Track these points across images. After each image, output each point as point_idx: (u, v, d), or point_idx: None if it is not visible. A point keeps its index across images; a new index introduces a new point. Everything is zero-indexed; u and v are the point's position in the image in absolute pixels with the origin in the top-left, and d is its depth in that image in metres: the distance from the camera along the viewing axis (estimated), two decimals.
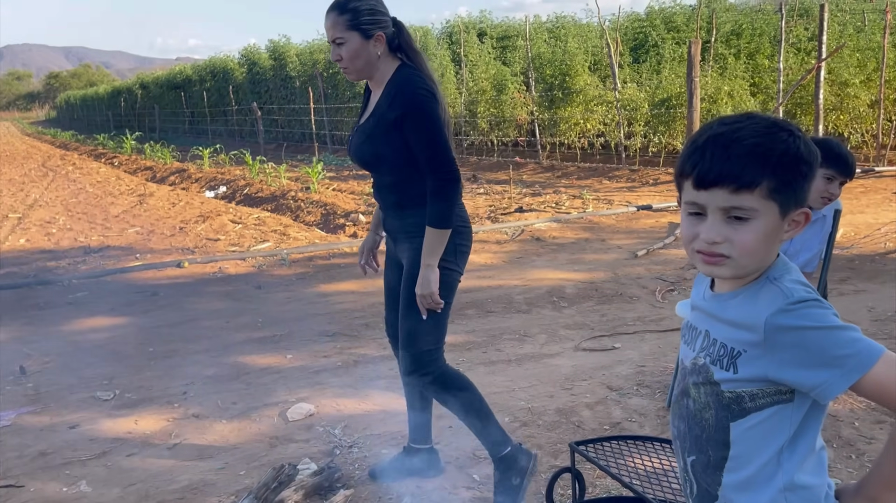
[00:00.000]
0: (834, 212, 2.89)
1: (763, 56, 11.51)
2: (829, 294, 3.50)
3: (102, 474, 2.89)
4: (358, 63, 2.19)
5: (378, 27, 2.18)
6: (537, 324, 4.42)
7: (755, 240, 1.03)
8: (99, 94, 47.60)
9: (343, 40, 2.16)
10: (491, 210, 8.62)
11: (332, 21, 2.17)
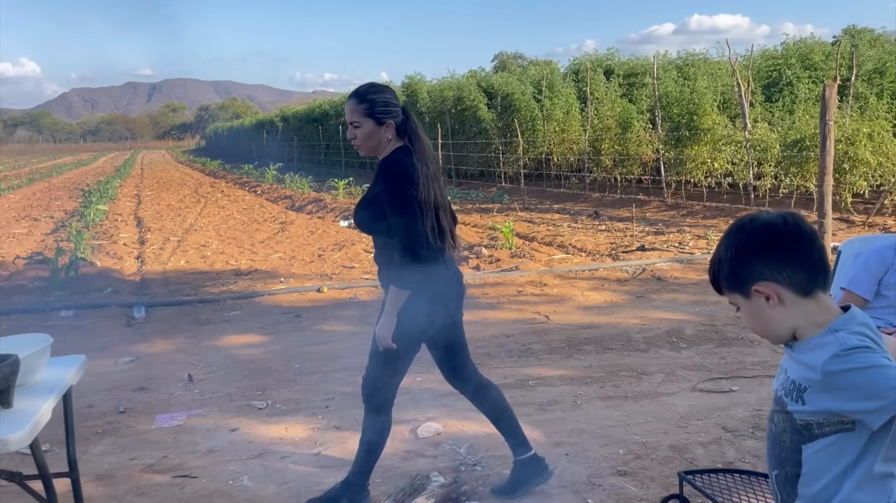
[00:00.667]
0: None
1: None
2: None
3: (260, 472, 3.33)
4: (370, 143, 2.58)
5: (389, 116, 2.56)
6: (655, 363, 4.55)
7: (747, 321, 1.41)
8: (244, 125, 51.40)
9: (359, 124, 2.55)
10: (612, 247, 8.74)
11: (352, 107, 2.56)
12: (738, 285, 1.37)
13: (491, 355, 4.87)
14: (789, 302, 1.33)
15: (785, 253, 1.32)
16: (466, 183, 19.12)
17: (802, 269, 1.33)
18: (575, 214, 12.26)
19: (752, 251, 1.34)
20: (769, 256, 1.32)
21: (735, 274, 1.36)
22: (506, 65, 74.07)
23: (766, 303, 1.33)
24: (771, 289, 1.32)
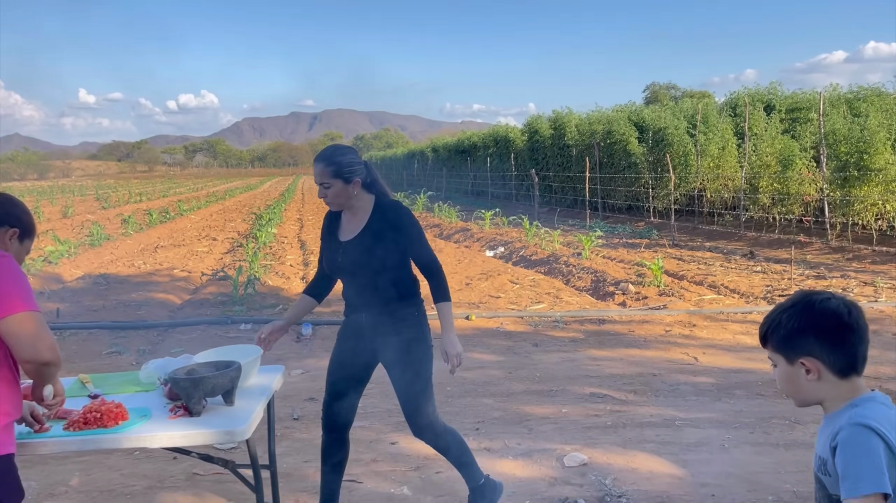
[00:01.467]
0: None
1: None
2: None
3: (419, 483, 3.66)
4: (340, 200, 2.85)
5: (355, 174, 2.83)
6: (809, 413, 4.44)
7: (779, 381, 1.57)
8: (396, 155, 53.76)
9: (329, 185, 2.81)
10: (767, 290, 8.44)
11: (321, 170, 2.81)
12: (787, 351, 1.52)
13: (637, 393, 4.95)
14: (826, 379, 1.49)
15: (838, 341, 1.48)
16: (613, 217, 18.96)
17: (847, 358, 1.49)
18: (728, 254, 11.88)
19: (812, 330, 1.48)
20: (824, 339, 1.48)
21: (788, 342, 1.51)
22: (657, 96, 72.40)
23: (805, 374, 1.50)
24: (815, 366, 1.49)
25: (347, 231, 2.94)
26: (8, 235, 2.16)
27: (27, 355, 1.90)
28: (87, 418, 2.33)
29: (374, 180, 2.94)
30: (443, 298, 2.92)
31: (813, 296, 1.52)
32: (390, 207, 2.93)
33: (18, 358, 1.92)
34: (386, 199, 2.96)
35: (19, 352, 1.90)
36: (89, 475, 3.88)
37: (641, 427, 4.28)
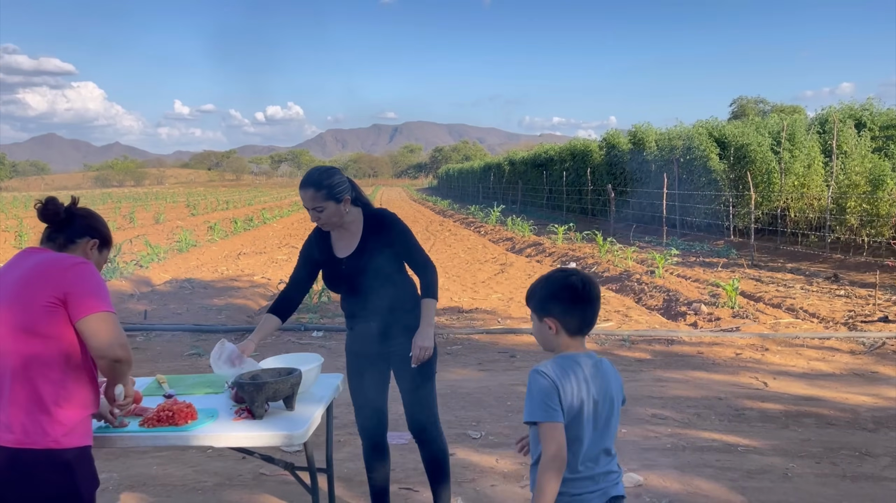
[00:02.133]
0: None
1: None
2: None
3: (472, 495, 3.73)
4: (333, 220, 2.94)
5: (345, 193, 2.92)
6: (883, 446, 4.27)
7: (534, 332, 2.11)
8: (473, 168, 54.01)
9: (322, 208, 2.89)
10: (849, 315, 8.10)
11: (312, 195, 2.88)
12: (538, 312, 2.04)
13: (700, 416, 4.87)
14: (561, 335, 2.00)
15: (572, 308, 1.99)
16: (691, 234, 18.51)
17: (577, 321, 2.00)
18: (810, 276, 11.43)
19: (553, 297, 2.00)
20: (563, 303, 1.99)
21: (539, 305, 2.04)
22: (745, 110, 70.12)
23: (548, 330, 2.01)
24: (555, 325, 2.00)
25: (342, 247, 3.05)
26: (90, 246, 2.38)
27: (101, 352, 2.09)
28: (161, 416, 2.53)
29: (358, 194, 3.05)
30: (429, 295, 3.02)
31: (559, 272, 2.06)
32: (379, 217, 3.05)
33: (94, 354, 2.11)
34: (372, 210, 3.08)
35: (95, 348, 2.09)
36: (165, 470, 4.14)
37: (701, 451, 4.22)
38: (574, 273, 2.04)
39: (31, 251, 2.26)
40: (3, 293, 2.11)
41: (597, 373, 1.97)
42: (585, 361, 1.97)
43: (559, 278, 2.02)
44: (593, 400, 1.94)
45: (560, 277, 2.03)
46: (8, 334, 2.06)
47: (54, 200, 2.34)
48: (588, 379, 1.94)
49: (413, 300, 3.06)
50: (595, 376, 1.96)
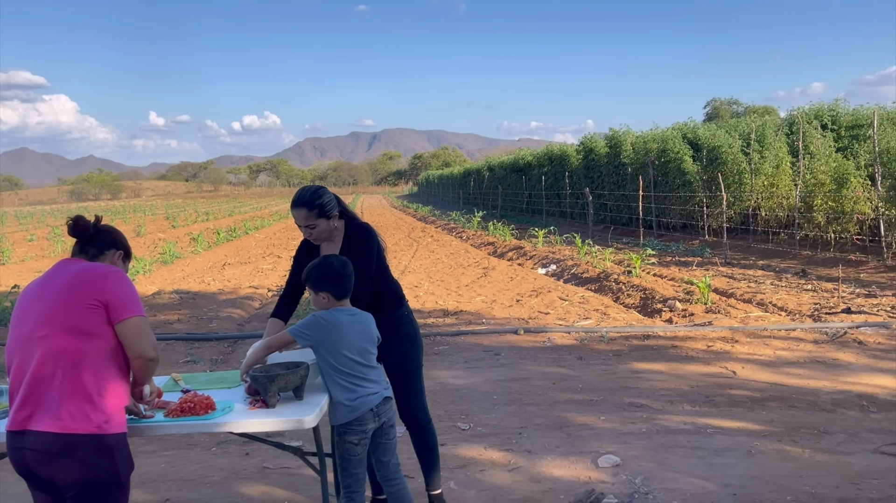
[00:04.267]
0: None
1: None
2: None
3: (463, 479, 4.04)
4: (324, 235, 3.24)
5: (334, 209, 3.20)
6: (839, 424, 4.65)
7: (312, 301, 3.03)
8: (453, 174, 54.42)
9: (315, 226, 3.18)
10: (815, 308, 8.52)
11: (305, 214, 3.16)
12: (314, 288, 2.92)
13: (673, 403, 5.22)
14: (332, 302, 2.93)
15: (335, 280, 2.91)
16: (667, 235, 18.99)
17: (338, 289, 2.92)
18: (780, 272, 11.89)
19: (324, 278, 2.91)
20: (329, 280, 2.91)
21: (315, 284, 2.92)
22: (719, 111, 71.28)
23: (322, 300, 2.92)
24: (327, 296, 2.92)
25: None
26: (116, 256, 2.70)
27: (138, 352, 2.41)
28: (183, 407, 2.81)
29: (344, 208, 3.32)
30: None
31: (327, 259, 2.97)
32: (357, 229, 3.31)
33: (131, 353, 2.42)
34: (355, 222, 3.36)
35: (133, 348, 2.40)
36: (173, 467, 4.40)
37: (674, 433, 4.56)
38: (336, 258, 2.98)
39: (68, 262, 2.55)
40: (51, 297, 2.40)
41: (357, 320, 2.94)
42: (347, 312, 2.95)
43: (326, 264, 2.93)
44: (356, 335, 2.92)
45: (327, 263, 2.94)
46: (58, 333, 2.34)
47: (83, 218, 2.66)
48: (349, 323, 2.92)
49: (397, 302, 3.37)
50: (356, 321, 2.93)
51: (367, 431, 2.93)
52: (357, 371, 2.92)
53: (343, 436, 2.92)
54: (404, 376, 3.36)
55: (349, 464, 2.94)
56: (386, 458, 3.06)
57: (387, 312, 3.31)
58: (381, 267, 3.35)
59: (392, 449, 3.07)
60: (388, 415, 3.00)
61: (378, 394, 2.96)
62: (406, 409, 3.41)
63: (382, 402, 2.96)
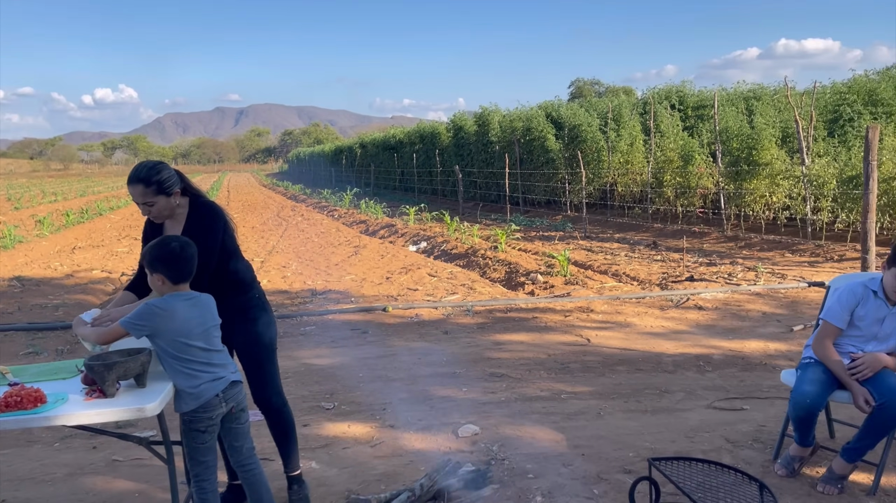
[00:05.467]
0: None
1: None
2: None
3: (326, 458, 4.02)
4: (164, 213, 3.08)
5: (175, 186, 3.05)
6: (679, 384, 5.02)
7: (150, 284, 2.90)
8: (324, 151, 53.47)
9: (153, 203, 3.01)
10: (663, 277, 9.13)
11: (142, 191, 2.97)
12: (151, 270, 2.79)
13: (532, 371, 5.44)
14: (167, 285, 2.79)
15: (171, 263, 2.76)
16: (533, 211, 19.67)
17: (173, 272, 2.77)
18: (634, 244, 12.64)
19: (160, 259, 2.77)
20: (164, 262, 2.76)
21: (150, 266, 2.78)
22: (582, 91, 74.21)
23: (158, 282, 2.78)
24: (161, 278, 2.77)
25: (171, 233, 3.14)
26: None
27: None
28: (8, 402, 2.60)
29: (187, 185, 3.18)
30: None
31: (165, 240, 2.82)
32: (202, 207, 3.17)
33: None
34: (200, 200, 3.20)
35: None
36: (10, 466, 4.07)
37: (530, 401, 4.76)
38: (175, 240, 2.82)
39: None
40: None
41: (195, 303, 2.82)
42: (184, 297, 2.81)
43: (163, 244, 2.79)
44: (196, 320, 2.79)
45: (164, 244, 2.80)
46: None
47: None
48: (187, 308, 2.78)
49: (246, 284, 3.25)
50: (194, 306, 2.80)
51: (215, 418, 2.82)
52: (199, 357, 2.79)
53: (189, 425, 2.81)
54: (255, 360, 3.27)
55: (197, 451, 2.84)
56: (238, 443, 2.98)
57: (236, 295, 3.20)
58: (230, 248, 3.22)
59: (244, 433, 2.98)
60: (238, 400, 2.90)
61: (224, 378, 2.84)
62: (258, 394, 3.33)
63: (229, 387, 2.85)
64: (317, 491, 3.57)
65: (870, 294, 3.29)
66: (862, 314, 3.30)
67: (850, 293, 3.32)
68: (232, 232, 3.29)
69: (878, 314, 3.28)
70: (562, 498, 3.35)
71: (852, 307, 3.31)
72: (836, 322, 3.32)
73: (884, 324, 3.29)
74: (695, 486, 2.60)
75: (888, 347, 3.30)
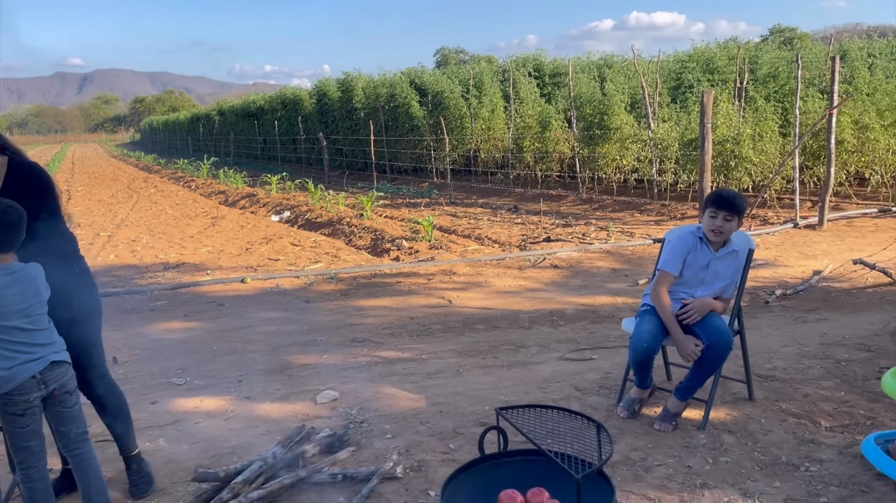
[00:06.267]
0: (748, 250, 3.61)
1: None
2: (761, 321, 4.15)
3: (175, 435, 3.82)
4: None
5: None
6: (534, 338, 5.21)
7: None
8: (179, 119, 50.58)
9: None
10: (522, 239, 9.42)
11: None
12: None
13: (394, 335, 5.45)
14: None
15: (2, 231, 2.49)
16: (400, 178, 19.65)
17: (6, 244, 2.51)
18: (496, 209, 12.95)
19: None
20: None
21: None
22: (447, 59, 74.60)
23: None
24: None
25: None
26: None
27: None
28: None
29: (5, 142, 2.94)
30: None
31: None
32: (21, 168, 2.94)
33: None
34: (20, 159, 2.97)
35: None
36: None
37: (391, 363, 4.76)
38: (11, 206, 2.57)
39: None
40: None
41: (18, 278, 2.56)
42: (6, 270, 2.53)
43: None
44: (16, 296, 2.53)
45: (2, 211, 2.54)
46: None
47: None
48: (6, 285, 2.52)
49: (68, 253, 3.00)
50: (16, 281, 2.55)
51: (32, 401, 2.58)
52: (17, 337, 2.55)
53: (4, 408, 2.56)
54: (76, 341, 3.02)
55: (18, 436, 2.60)
56: (66, 428, 2.74)
57: (54, 269, 2.93)
58: (52, 215, 2.94)
59: (72, 418, 2.74)
60: (61, 382, 2.67)
61: (42, 359, 2.60)
62: (81, 377, 3.07)
63: (49, 368, 2.62)
64: (165, 468, 3.39)
65: (697, 241, 3.52)
66: (691, 261, 3.53)
67: (682, 242, 3.54)
68: (55, 197, 3.00)
69: (703, 260, 3.52)
70: (419, 454, 3.38)
71: (684, 255, 3.53)
72: (671, 269, 3.54)
73: (709, 269, 3.53)
74: (545, 433, 2.69)
75: (714, 291, 3.55)
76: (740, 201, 3.42)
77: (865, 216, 9.76)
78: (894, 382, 2.94)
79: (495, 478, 2.50)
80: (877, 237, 8.40)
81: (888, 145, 10.33)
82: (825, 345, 4.68)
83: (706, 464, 3.14)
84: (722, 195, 3.43)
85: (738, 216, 3.42)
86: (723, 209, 3.39)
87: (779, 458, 3.15)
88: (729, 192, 3.44)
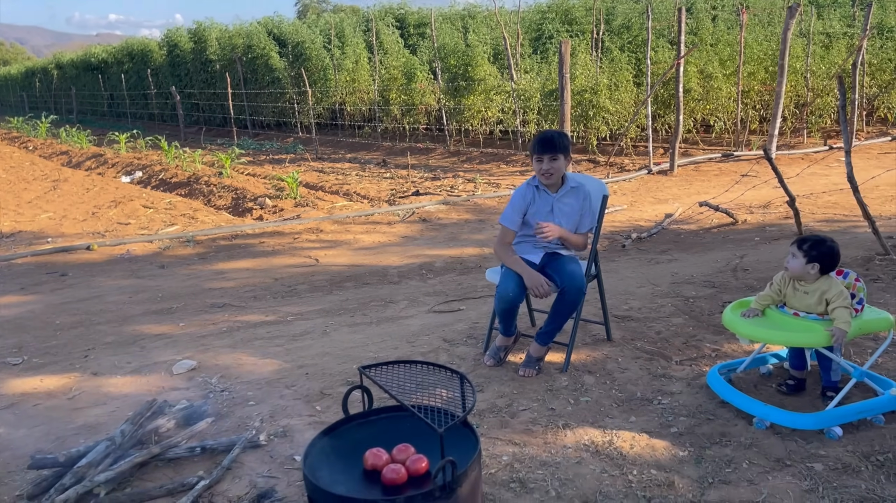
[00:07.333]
0: (602, 196, 3.69)
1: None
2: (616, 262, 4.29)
3: (11, 419, 3.47)
4: None
5: None
6: (403, 293, 5.16)
7: None
8: (11, 74, 45.81)
9: None
10: (392, 193, 9.31)
11: None
12: None
13: (257, 298, 5.22)
14: None
15: None
16: (263, 134, 18.85)
17: None
18: (365, 163, 12.72)
19: None
20: None
21: None
22: (309, 10, 71.82)
23: None
24: None
25: None
26: None
27: None
28: None
29: None
30: None
31: None
32: None
33: None
34: None
35: None
36: None
37: (255, 328, 4.56)
38: None
39: None
40: None
41: None
42: None
43: None
44: None
45: None
46: None
47: None
48: None
49: None
50: None
51: None
52: None
53: None
54: None
55: None
56: None
57: None
58: None
59: None
60: None
61: None
62: None
63: None
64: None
65: (534, 190, 3.54)
66: (534, 211, 3.54)
67: (521, 196, 3.54)
68: None
69: (546, 206, 3.54)
70: (283, 419, 3.25)
71: (524, 208, 3.53)
72: (509, 225, 3.54)
73: (553, 212, 3.55)
74: (413, 388, 2.65)
75: (568, 228, 3.59)
76: (560, 138, 3.42)
77: (711, 161, 10.42)
78: (733, 317, 3.12)
79: (361, 438, 2.44)
80: (721, 180, 8.99)
81: (730, 93, 11.03)
82: (675, 284, 4.95)
83: (568, 405, 3.23)
84: (540, 139, 3.43)
85: (563, 153, 3.43)
86: (546, 152, 3.40)
87: (634, 394, 3.29)
88: (547, 133, 3.45)
